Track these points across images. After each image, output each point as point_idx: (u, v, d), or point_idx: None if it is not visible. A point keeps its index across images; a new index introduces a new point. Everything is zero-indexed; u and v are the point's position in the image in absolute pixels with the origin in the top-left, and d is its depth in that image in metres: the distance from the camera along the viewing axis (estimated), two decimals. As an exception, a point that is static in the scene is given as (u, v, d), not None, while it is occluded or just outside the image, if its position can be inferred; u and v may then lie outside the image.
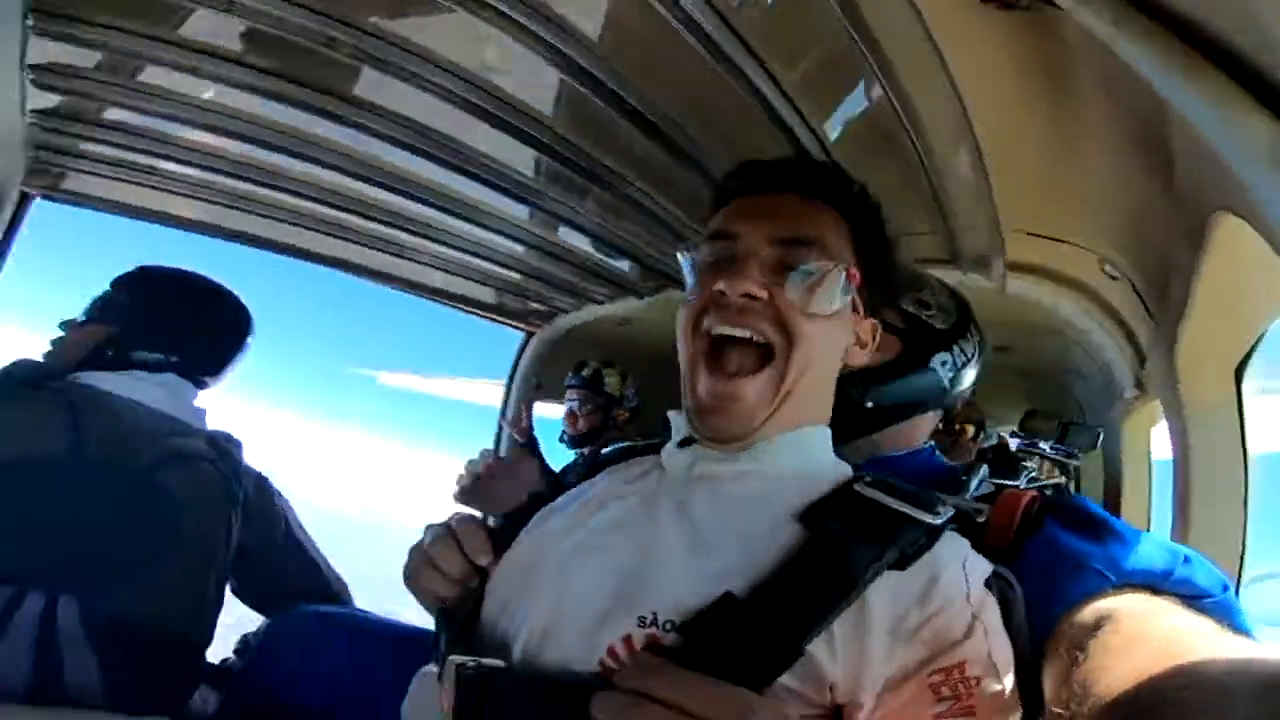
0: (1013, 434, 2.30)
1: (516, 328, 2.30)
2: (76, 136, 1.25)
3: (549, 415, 2.48)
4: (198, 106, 1.17)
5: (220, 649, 1.16)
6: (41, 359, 1.15)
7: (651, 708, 0.46)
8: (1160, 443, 1.61)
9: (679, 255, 0.71)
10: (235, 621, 1.28)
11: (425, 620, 0.76)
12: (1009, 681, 0.53)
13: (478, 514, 0.88)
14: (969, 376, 0.91)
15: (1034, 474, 1.12)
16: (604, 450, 0.84)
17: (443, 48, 1.04)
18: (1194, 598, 0.57)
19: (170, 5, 0.93)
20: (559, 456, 2.23)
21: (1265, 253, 0.54)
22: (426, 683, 0.65)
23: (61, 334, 1.18)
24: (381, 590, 1.05)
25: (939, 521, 0.57)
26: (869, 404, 0.84)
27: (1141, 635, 0.50)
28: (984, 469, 0.84)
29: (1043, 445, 1.99)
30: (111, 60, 1.05)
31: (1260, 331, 0.96)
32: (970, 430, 2.07)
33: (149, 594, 1.05)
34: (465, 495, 1.12)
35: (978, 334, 0.93)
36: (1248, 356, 1.01)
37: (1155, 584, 0.58)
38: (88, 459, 1.04)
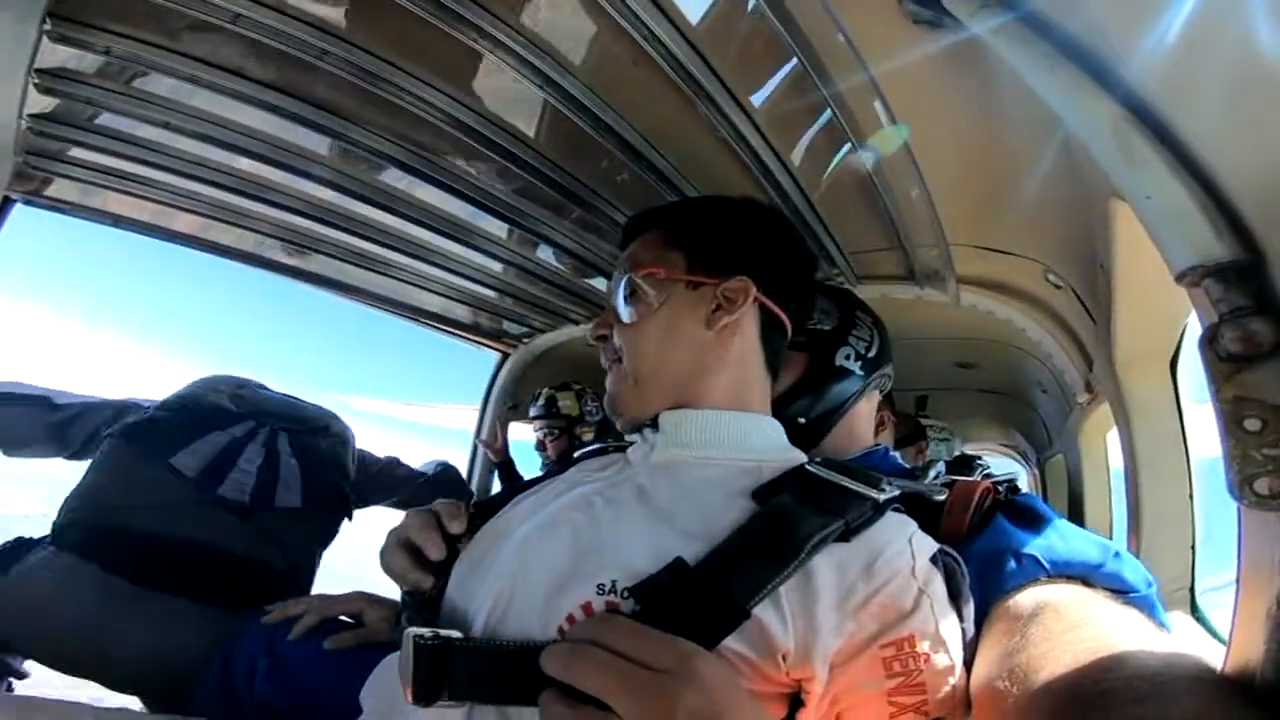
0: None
1: (492, 348, 2.33)
2: (67, 142, 1.26)
3: (525, 438, 2.49)
4: (191, 116, 1.20)
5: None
6: None
7: (595, 651, 0.47)
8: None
9: None
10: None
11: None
12: (957, 656, 0.56)
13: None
14: (878, 355, 0.98)
15: (989, 470, 1.18)
16: (577, 454, 0.88)
17: (431, 67, 1.10)
18: (1121, 592, 0.61)
19: (179, 14, 0.97)
20: (537, 478, 2.23)
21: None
22: (388, 666, 0.66)
23: None
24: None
25: (883, 497, 0.61)
26: (802, 420, 0.91)
27: (1081, 624, 0.53)
28: (940, 465, 0.90)
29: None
30: (112, 66, 1.08)
31: (1184, 323, 1.03)
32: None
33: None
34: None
35: (868, 315, 1.01)
36: (1178, 351, 1.08)
37: (1088, 575, 0.62)
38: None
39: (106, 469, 1.36)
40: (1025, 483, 2.80)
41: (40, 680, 1.29)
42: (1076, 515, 1.91)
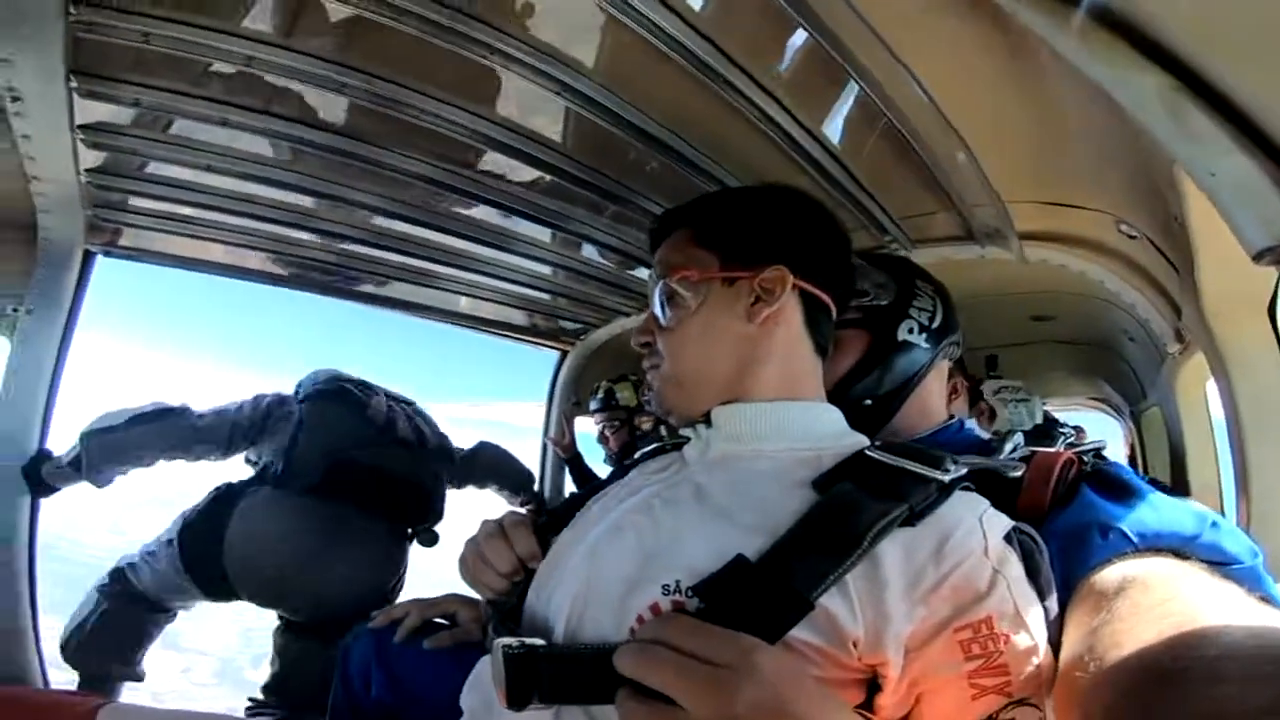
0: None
1: (551, 347, 2.38)
2: (126, 192, 1.34)
3: (592, 431, 2.53)
4: (231, 156, 1.26)
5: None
6: None
7: (660, 650, 0.49)
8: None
9: None
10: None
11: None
12: (1040, 636, 0.54)
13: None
14: (943, 324, 0.93)
15: (1071, 439, 1.09)
16: (637, 454, 0.88)
17: (449, 87, 1.12)
18: (1221, 564, 0.57)
19: (193, 62, 1.00)
20: (606, 471, 2.27)
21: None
22: (482, 672, 0.70)
23: None
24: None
25: (947, 478, 0.59)
26: (868, 401, 0.87)
27: (1169, 599, 0.50)
28: (1019, 436, 0.85)
29: None
30: (145, 116, 1.14)
31: (1281, 269, 0.93)
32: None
33: None
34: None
35: (928, 284, 0.95)
36: (1276, 294, 0.98)
37: (1182, 548, 0.58)
38: None
39: (321, 424, 1.81)
40: (1121, 438, 2.60)
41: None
42: (1179, 471, 1.77)
